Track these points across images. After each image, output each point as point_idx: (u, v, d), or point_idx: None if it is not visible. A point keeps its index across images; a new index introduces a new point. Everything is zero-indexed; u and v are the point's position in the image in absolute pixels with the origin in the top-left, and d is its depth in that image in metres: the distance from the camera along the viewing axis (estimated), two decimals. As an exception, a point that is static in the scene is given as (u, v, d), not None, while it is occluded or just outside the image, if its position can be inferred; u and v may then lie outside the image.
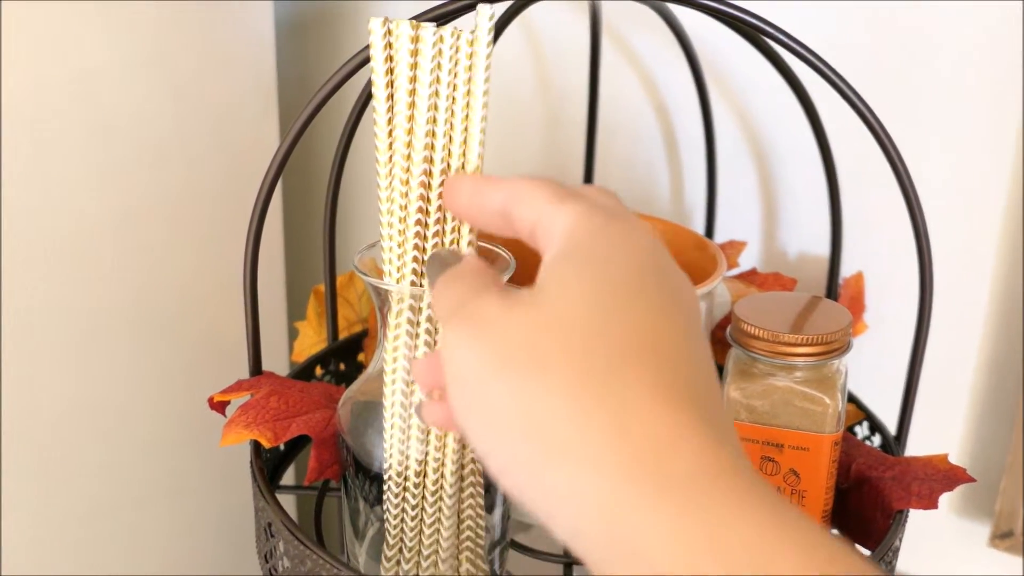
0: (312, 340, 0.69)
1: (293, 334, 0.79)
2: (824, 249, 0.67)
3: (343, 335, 0.65)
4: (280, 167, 0.49)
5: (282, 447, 0.58)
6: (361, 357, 0.65)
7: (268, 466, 0.56)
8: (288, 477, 0.65)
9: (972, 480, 0.48)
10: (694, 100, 0.66)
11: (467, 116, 0.42)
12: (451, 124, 0.42)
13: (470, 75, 0.41)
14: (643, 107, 0.72)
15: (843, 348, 0.47)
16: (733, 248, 0.61)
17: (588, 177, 0.71)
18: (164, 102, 0.66)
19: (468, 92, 0.41)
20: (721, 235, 0.70)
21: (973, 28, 0.61)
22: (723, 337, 0.54)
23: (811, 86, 0.54)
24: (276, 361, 0.79)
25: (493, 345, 0.29)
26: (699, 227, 0.70)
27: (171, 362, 0.71)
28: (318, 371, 0.63)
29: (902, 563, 0.71)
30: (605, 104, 0.73)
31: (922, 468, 0.49)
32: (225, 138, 0.71)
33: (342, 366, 0.64)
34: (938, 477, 0.48)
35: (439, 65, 0.41)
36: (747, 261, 0.70)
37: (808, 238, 0.69)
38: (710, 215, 0.68)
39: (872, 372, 0.68)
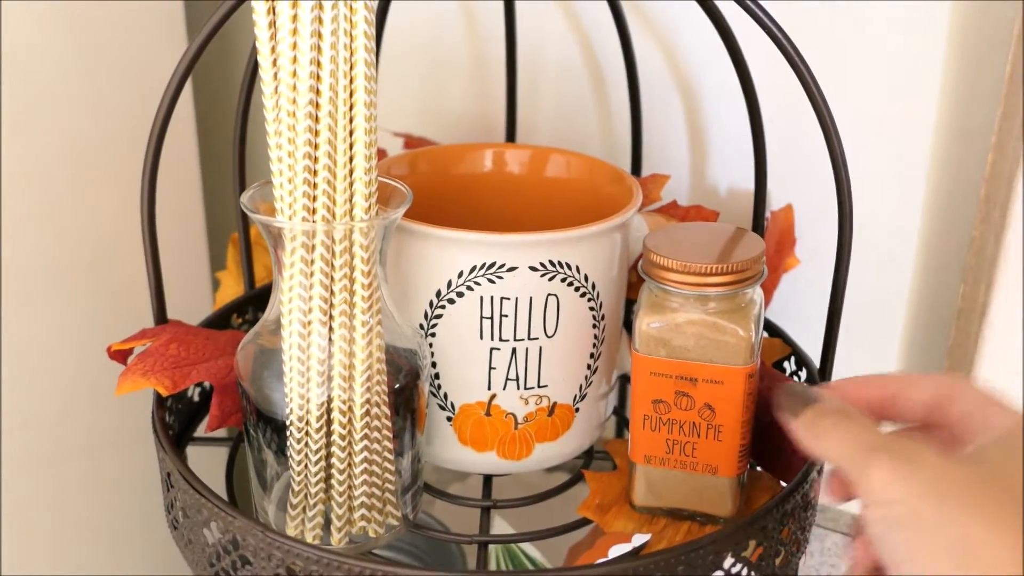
0: (234, 290, 0.68)
1: (217, 285, 0.77)
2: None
3: (263, 283, 0.63)
4: (174, 97, 0.47)
5: (196, 397, 0.56)
6: (279, 305, 0.63)
7: (181, 417, 0.55)
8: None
9: (890, 409, 0.47)
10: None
11: (351, 41, 0.40)
12: (336, 50, 0.40)
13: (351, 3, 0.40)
14: (567, 43, 0.70)
15: (756, 277, 0.45)
16: (655, 182, 0.59)
17: (511, 114, 0.69)
18: (69, 43, 0.64)
19: (350, 17, 0.40)
20: (649, 171, 0.69)
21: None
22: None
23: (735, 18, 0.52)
24: (200, 313, 0.77)
25: (930, 481, 0.33)
26: (627, 164, 0.69)
27: (87, 312, 0.69)
28: (236, 320, 0.61)
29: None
30: (528, 41, 0.70)
31: (841, 399, 0.48)
32: (133, 79, 0.69)
33: (260, 315, 0.62)
34: (856, 407, 0.47)
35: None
36: (678, 197, 0.69)
37: (738, 173, 0.68)
38: (636, 151, 0.66)
39: (804, 307, 0.67)
